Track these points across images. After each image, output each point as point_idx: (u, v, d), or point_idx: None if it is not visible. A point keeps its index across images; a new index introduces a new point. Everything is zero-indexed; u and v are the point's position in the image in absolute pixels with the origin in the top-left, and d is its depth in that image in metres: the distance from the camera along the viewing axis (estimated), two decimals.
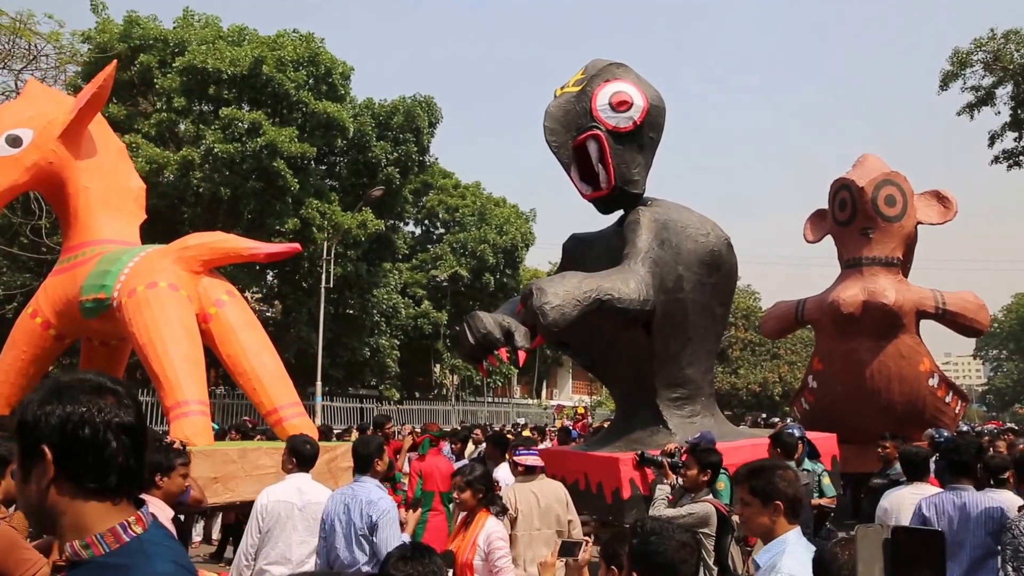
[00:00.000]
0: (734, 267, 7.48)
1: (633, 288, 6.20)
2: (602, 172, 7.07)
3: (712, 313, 7.28)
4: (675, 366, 7.10)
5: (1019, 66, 21.57)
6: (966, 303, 11.04)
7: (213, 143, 20.82)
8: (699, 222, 7.24)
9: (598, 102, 7.02)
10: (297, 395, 6.87)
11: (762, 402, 47.18)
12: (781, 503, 2.62)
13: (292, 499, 4.55)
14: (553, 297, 5.73)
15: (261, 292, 28.58)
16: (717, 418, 7.58)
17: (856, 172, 11.18)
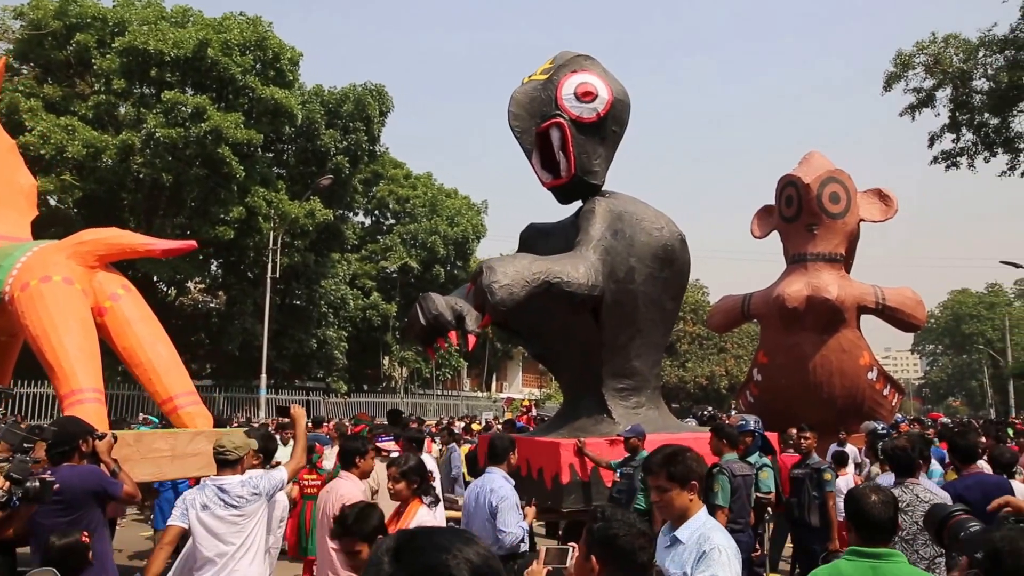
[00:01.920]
0: (687, 263, 7.53)
1: (582, 273, 6.24)
2: (563, 160, 7.10)
3: (662, 307, 7.32)
4: (623, 357, 7.14)
5: (958, 70, 22.23)
6: (905, 299, 11.32)
7: (155, 127, 20.15)
8: (654, 216, 7.27)
9: (564, 91, 7.06)
10: (193, 385, 6.93)
11: (709, 395, 48.01)
12: (696, 483, 2.79)
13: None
14: (502, 276, 5.73)
15: (205, 282, 27.87)
16: (662, 411, 7.63)
17: (802, 169, 11.36)
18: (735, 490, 5.82)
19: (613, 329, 6.95)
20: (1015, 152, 23.13)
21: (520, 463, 6.96)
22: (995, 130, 23.01)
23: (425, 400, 33.72)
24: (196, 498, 4.12)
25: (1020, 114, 22.66)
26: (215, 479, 4.19)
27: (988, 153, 23.43)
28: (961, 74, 22.29)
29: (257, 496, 4.21)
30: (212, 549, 4.04)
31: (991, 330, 61.77)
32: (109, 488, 4.26)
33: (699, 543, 2.70)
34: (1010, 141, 23.01)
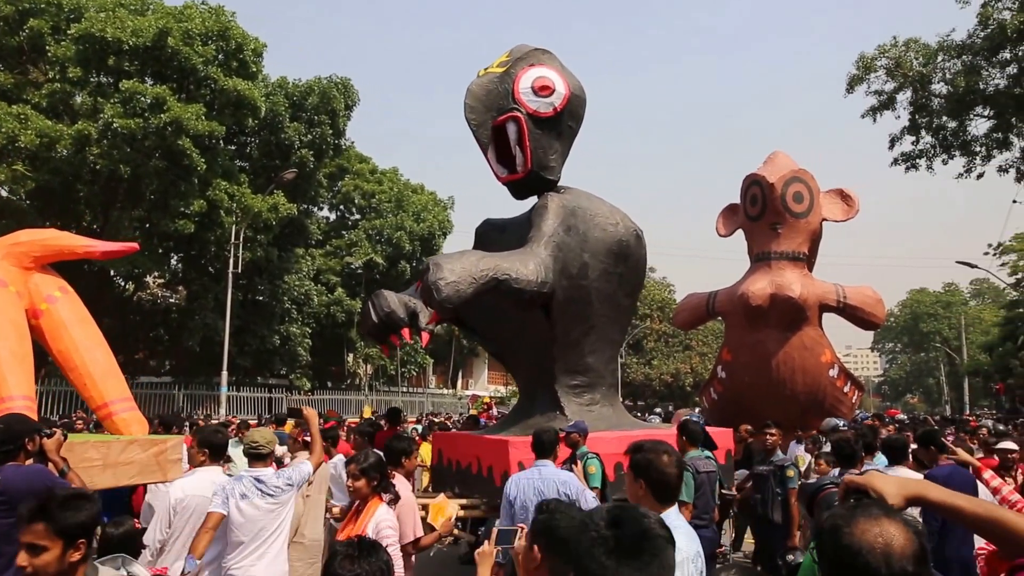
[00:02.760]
0: (642, 259, 7.50)
1: (531, 270, 6.18)
2: (519, 155, 7.02)
3: (617, 303, 7.28)
4: (576, 354, 7.09)
5: (918, 73, 22.65)
6: (865, 297, 11.44)
7: (112, 117, 19.60)
8: (609, 212, 7.22)
9: (521, 85, 6.98)
10: (129, 391, 6.80)
11: (674, 392, 48.43)
12: (644, 481, 2.78)
13: (207, 493, 4.48)
14: (448, 273, 5.63)
15: (164, 277, 27.29)
16: (616, 408, 7.58)
17: (767, 169, 11.42)
18: (699, 486, 5.85)
19: (566, 326, 6.90)
20: (971, 155, 23.68)
21: (471, 460, 6.91)
22: (953, 133, 23.53)
23: (390, 397, 33.44)
24: (235, 488, 4.44)
25: (976, 118, 23.20)
26: (251, 471, 4.55)
27: (946, 156, 23.95)
28: (921, 78, 22.72)
29: (290, 487, 4.61)
30: (248, 534, 4.39)
31: (947, 329, 63.32)
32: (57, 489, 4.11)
33: None
34: (967, 144, 23.55)
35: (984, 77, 21.73)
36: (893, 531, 1.34)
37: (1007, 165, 23.50)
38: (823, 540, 1.40)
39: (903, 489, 1.59)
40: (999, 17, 20.72)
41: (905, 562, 1.30)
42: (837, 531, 1.36)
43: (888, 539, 1.33)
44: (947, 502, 1.59)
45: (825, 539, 1.39)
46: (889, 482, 1.62)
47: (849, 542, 1.34)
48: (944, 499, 1.60)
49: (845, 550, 1.34)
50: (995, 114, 22.38)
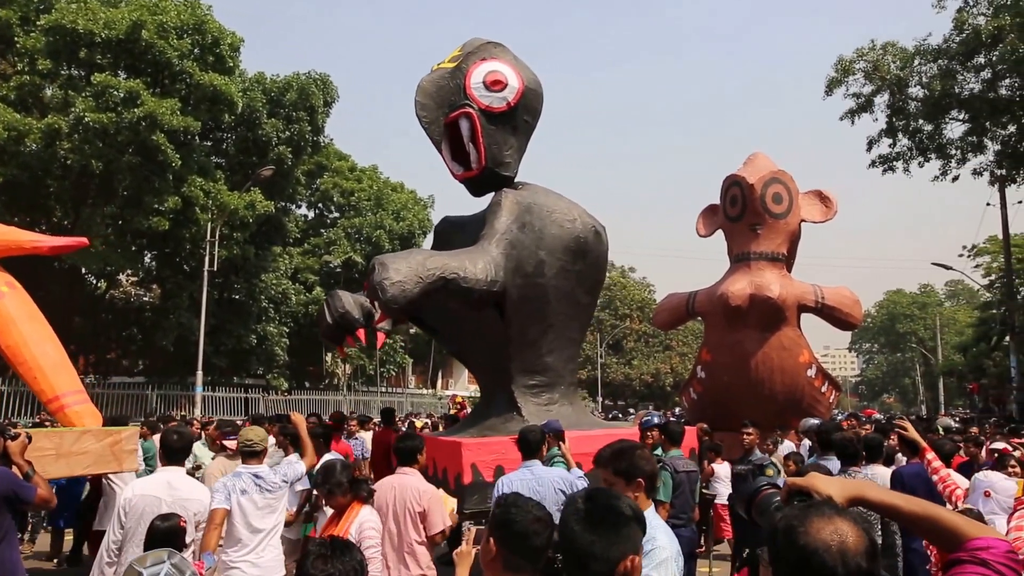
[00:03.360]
0: (602, 256, 7.38)
1: (481, 268, 6.09)
2: (473, 152, 6.91)
3: (576, 301, 7.16)
4: (534, 353, 6.97)
5: (895, 77, 22.83)
6: (843, 298, 11.51)
7: (84, 111, 19.22)
8: (566, 208, 7.09)
9: (472, 80, 6.85)
10: (81, 384, 6.76)
11: (654, 392, 48.62)
12: (643, 480, 2.81)
13: (159, 494, 4.40)
14: (394, 273, 5.54)
15: (138, 275, 26.88)
16: (577, 407, 7.47)
17: (746, 170, 11.45)
18: (678, 486, 5.87)
19: (522, 324, 6.80)
20: (947, 158, 23.93)
21: (428, 463, 6.82)
22: (929, 136, 23.77)
23: (369, 397, 33.20)
24: (236, 484, 4.61)
25: (952, 121, 23.46)
26: (248, 467, 4.72)
27: (922, 158, 24.20)
28: (898, 81, 22.93)
29: (286, 483, 4.78)
30: (247, 528, 4.55)
31: (923, 329, 64.14)
32: (21, 492, 4.02)
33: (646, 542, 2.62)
34: (942, 147, 23.81)
35: (959, 81, 21.98)
36: (846, 529, 1.36)
37: (981, 168, 23.81)
38: (778, 541, 1.41)
39: (844, 490, 1.64)
40: (974, 22, 20.96)
41: (859, 559, 1.33)
42: (792, 531, 1.39)
43: (842, 537, 1.35)
44: (885, 501, 1.64)
45: (780, 540, 1.41)
46: (831, 483, 1.66)
47: (805, 542, 1.36)
48: (883, 499, 1.65)
49: (801, 550, 1.36)
50: (970, 118, 22.64)
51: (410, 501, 4.56)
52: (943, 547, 1.58)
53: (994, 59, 20.91)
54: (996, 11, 20.31)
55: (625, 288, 51.65)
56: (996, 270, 32.94)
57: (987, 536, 1.52)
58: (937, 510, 1.62)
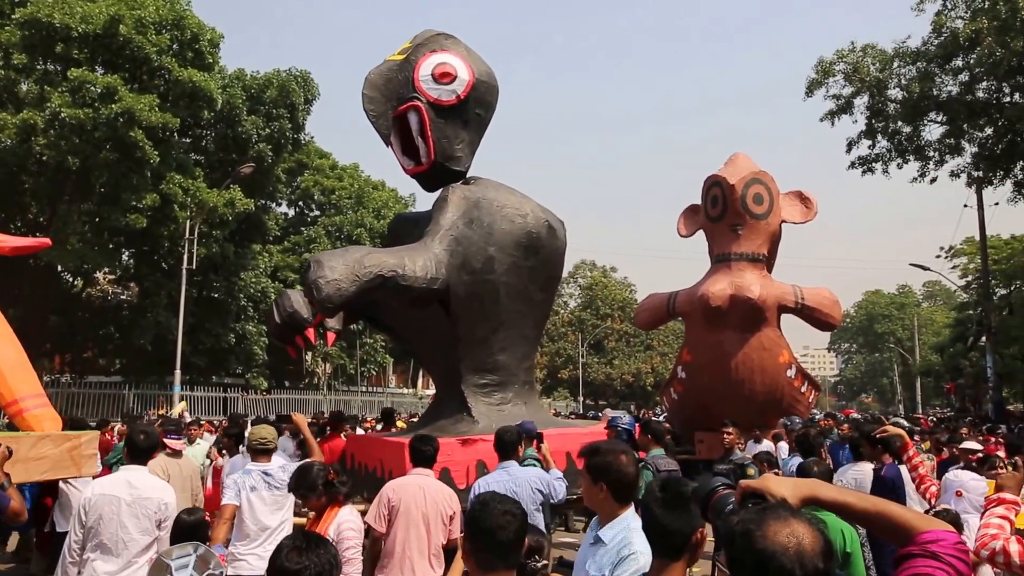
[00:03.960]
0: (557, 251, 7.24)
1: (420, 266, 6.01)
2: (422, 146, 6.82)
3: (529, 298, 7.04)
4: (485, 351, 6.85)
5: (874, 79, 23.04)
6: (822, 299, 11.55)
7: (60, 107, 18.92)
8: (518, 202, 6.96)
9: (421, 72, 6.74)
10: (41, 387, 6.63)
11: (635, 392, 48.77)
12: (604, 484, 2.76)
13: (119, 493, 4.29)
14: (329, 271, 5.48)
15: (115, 273, 26.53)
16: (532, 407, 7.35)
17: (727, 170, 11.46)
18: None
19: (471, 322, 6.69)
20: (925, 160, 24.20)
21: (376, 464, 6.72)
22: (907, 138, 24.03)
23: (349, 397, 33.03)
24: (246, 481, 4.77)
25: (930, 124, 23.72)
26: (258, 465, 4.87)
27: (901, 160, 24.45)
28: (877, 83, 23.14)
29: None
30: (257, 524, 4.70)
31: (901, 330, 64.81)
32: None
33: (619, 546, 2.65)
34: (920, 149, 24.07)
35: (937, 84, 22.23)
36: (802, 531, 1.37)
37: (959, 170, 24.09)
38: (736, 545, 1.41)
39: (797, 490, 1.65)
40: (952, 25, 21.20)
41: (816, 560, 1.35)
42: (750, 535, 1.39)
43: (799, 539, 1.36)
44: (838, 500, 1.66)
45: (738, 544, 1.41)
46: (783, 484, 1.68)
47: (763, 546, 1.36)
48: (835, 497, 1.67)
49: (760, 554, 1.36)
50: (947, 120, 22.90)
51: (442, 504, 4.60)
52: (896, 542, 1.59)
53: (971, 62, 21.16)
54: (974, 15, 20.55)
55: (606, 288, 51.73)
56: (973, 271, 33.36)
57: (936, 529, 1.54)
58: (888, 506, 1.64)
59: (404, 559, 4.46)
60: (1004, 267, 30.33)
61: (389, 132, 6.88)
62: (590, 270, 53.62)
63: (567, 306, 53.54)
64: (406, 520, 4.49)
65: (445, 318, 6.65)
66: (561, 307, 53.24)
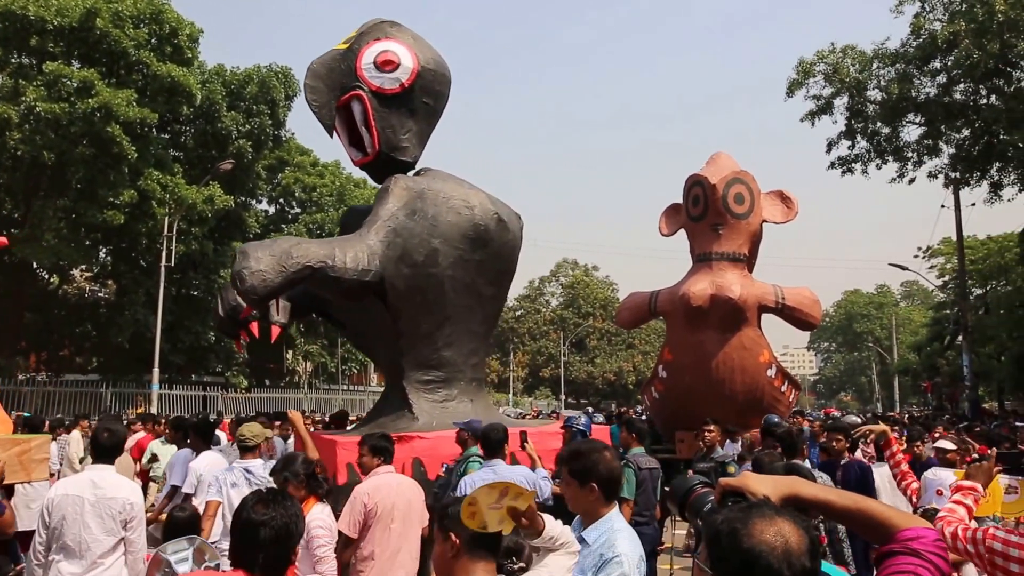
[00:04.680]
0: (507, 244, 7.09)
1: (351, 257, 5.91)
2: (366, 136, 6.71)
3: (477, 292, 6.90)
4: (428, 347, 6.71)
5: (854, 80, 23.23)
6: (803, 299, 11.59)
7: (35, 101, 18.64)
8: (465, 194, 6.82)
9: (363, 61, 6.64)
10: None
11: (617, 390, 48.91)
12: (595, 484, 2.69)
13: (83, 493, 4.21)
14: (254, 262, 5.41)
15: (93, 270, 26.18)
16: (479, 404, 7.18)
17: (709, 169, 11.47)
18: (640, 483, 5.87)
19: (413, 317, 6.56)
20: (903, 160, 24.44)
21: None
22: (886, 139, 24.25)
23: (330, 395, 32.82)
24: (227, 477, 4.84)
25: (908, 125, 23.96)
26: (241, 462, 4.91)
27: (880, 160, 24.67)
28: (857, 84, 23.32)
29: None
30: None
31: (879, 329, 65.51)
32: None
33: (602, 548, 2.59)
34: (899, 150, 24.31)
35: (916, 85, 22.43)
36: (788, 529, 1.37)
37: (937, 171, 24.36)
38: (721, 544, 1.40)
39: (777, 488, 1.64)
40: (930, 28, 21.41)
41: (803, 558, 1.34)
42: (736, 534, 1.38)
43: (786, 537, 1.35)
44: (818, 497, 1.66)
45: (724, 543, 1.39)
46: (763, 482, 1.67)
47: (750, 545, 1.35)
48: (815, 495, 1.66)
49: (747, 553, 1.35)
50: (926, 121, 23.14)
51: (415, 500, 4.62)
52: (876, 540, 1.59)
53: (949, 64, 21.40)
54: (951, 17, 20.78)
55: (588, 287, 51.84)
56: (950, 271, 33.78)
57: (916, 526, 1.55)
58: (868, 503, 1.64)
59: (384, 560, 4.42)
60: (980, 267, 30.75)
61: (332, 122, 6.80)
62: (572, 269, 53.72)
63: (549, 305, 53.61)
64: (385, 522, 4.45)
65: (380, 311, 6.54)
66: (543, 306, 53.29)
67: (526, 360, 50.54)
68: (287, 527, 2.26)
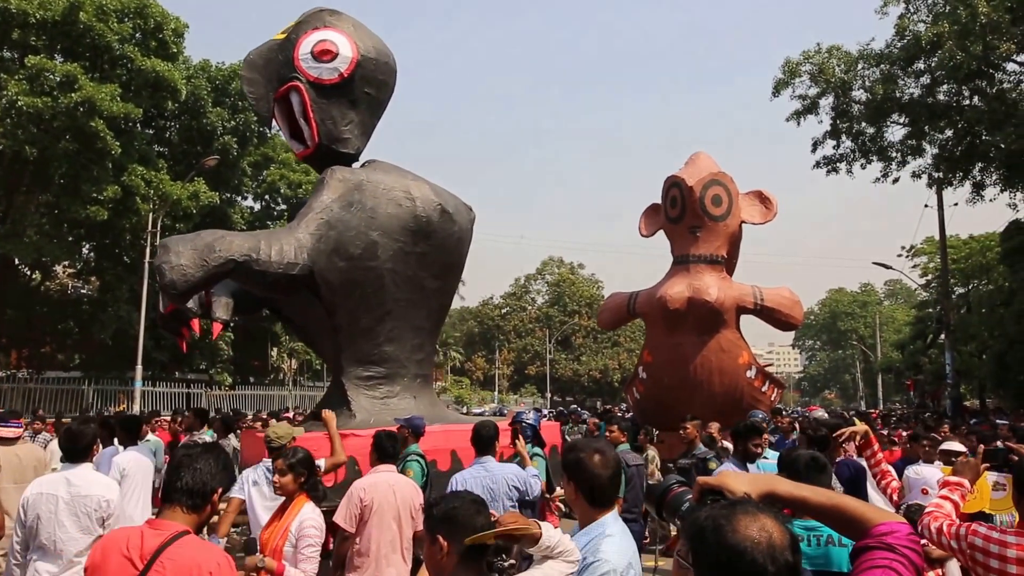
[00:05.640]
0: (452, 236, 6.92)
1: (277, 250, 5.79)
2: (305, 128, 6.58)
3: (420, 286, 6.75)
4: (369, 342, 6.58)
5: (839, 80, 23.35)
6: (783, 299, 11.57)
7: (17, 95, 18.47)
8: (407, 185, 6.66)
9: (301, 51, 6.49)
10: None
11: (603, 388, 49.02)
12: (574, 483, 2.60)
13: (57, 491, 4.20)
14: (175, 256, 5.33)
15: (75, 267, 25.98)
16: (424, 400, 6.99)
17: (687, 171, 11.43)
18: (628, 480, 5.93)
19: (351, 311, 6.42)
20: (888, 160, 24.60)
21: (253, 459, 6.55)
22: (871, 139, 24.40)
23: (315, 393, 32.72)
24: (250, 476, 4.96)
25: (893, 125, 24.12)
26: (267, 461, 4.95)
27: (864, 160, 24.83)
28: (842, 84, 23.45)
29: None
30: (255, 517, 4.86)
31: (863, 327, 66.00)
32: None
33: (586, 553, 2.50)
34: (883, 150, 24.46)
35: (900, 86, 22.58)
36: (771, 525, 1.38)
37: (920, 171, 24.52)
38: (704, 540, 1.41)
39: (754, 486, 1.67)
40: (914, 29, 21.56)
41: (786, 553, 1.36)
42: (720, 530, 1.39)
43: (769, 533, 1.37)
44: (794, 494, 1.69)
45: (708, 539, 1.40)
46: (741, 479, 1.70)
47: (734, 540, 1.36)
48: (791, 491, 1.70)
49: (731, 549, 1.36)
50: (910, 122, 23.29)
51: (411, 499, 4.61)
52: (851, 535, 1.62)
53: (933, 65, 21.53)
54: (935, 19, 20.91)
55: (574, 284, 51.93)
56: (933, 270, 34.04)
57: (890, 521, 1.58)
58: (843, 499, 1.67)
59: (379, 557, 4.44)
60: (963, 266, 31.02)
61: (269, 115, 6.70)
62: (558, 267, 53.78)
63: (535, 302, 53.66)
64: (379, 519, 4.45)
65: (315, 305, 6.45)
66: (529, 303, 53.32)
67: (512, 358, 50.58)
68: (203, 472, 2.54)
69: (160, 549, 2.31)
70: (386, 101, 7.03)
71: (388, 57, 6.90)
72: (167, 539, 2.33)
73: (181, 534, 2.36)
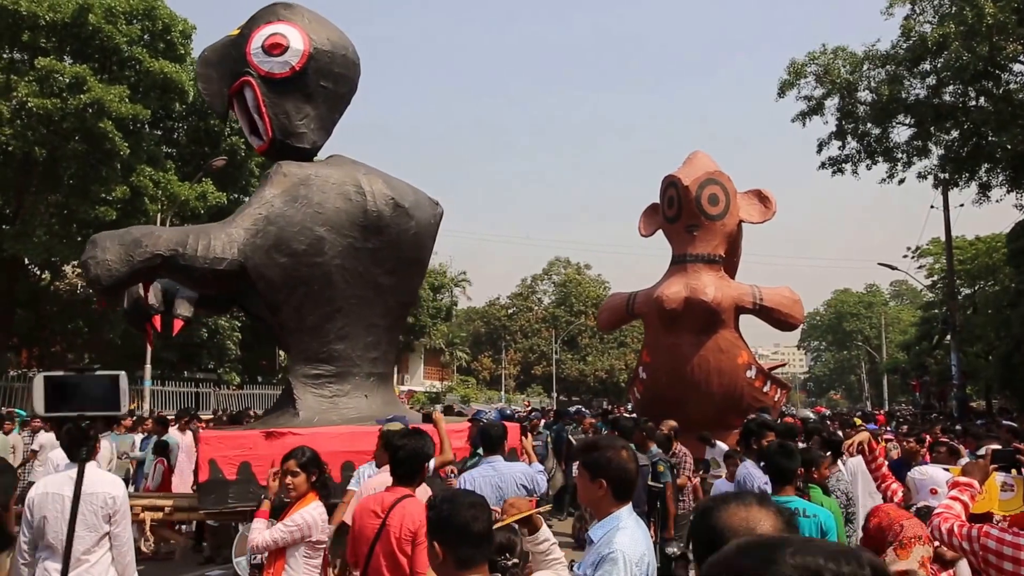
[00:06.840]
0: (406, 232, 6.73)
1: (204, 245, 5.74)
2: (259, 123, 6.55)
3: (374, 283, 6.62)
4: (317, 340, 6.45)
5: (845, 80, 23.37)
6: (782, 298, 11.48)
7: (27, 96, 18.63)
8: (360, 180, 6.53)
9: (252, 45, 6.46)
10: None
11: (608, 388, 49.02)
12: (604, 481, 2.65)
13: (62, 491, 4.23)
14: (100, 252, 5.37)
15: None
16: (379, 399, 6.80)
17: (684, 170, 11.37)
18: None
19: (296, 309, 6.31)
20: (893, 161, 24.60)
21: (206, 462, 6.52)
22: (876, 140, 24.40)
23: None
24: (365, 471, 5.02)
25: (898, 126, 24.12)
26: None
27: (870, 161, 24.83)
28: (847, 85, 23.46)
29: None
30: None
31: (869, 328, 65.75)
32: None
33: (601, 546, 2.60)
34: (889, 151, 24.45)
35: (906, 87, 22.58)
36: (761, 517, 1.40)
37: (926, 172, 24.48)
38: (695, 521, 1.49)
39: None
40: (920, 30, 21.55)
41: None
42: (708, 513, 1.46)
43: (754, 524, 1.38)
44: None
45: (696, 519, 1.49)
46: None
47: (715, 523, 1.41)
48: None
49: (712, 531, 1.40)
50: (915, 123, 23.28)
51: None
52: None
53: (939, 66, 21.51)
54: (941, 19, 20.90)
55: (580, 284, 51.95)
56: (938, 271, 33.98)
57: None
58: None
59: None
60: (969, 267, 30.94)
61: (224, 111, 6.72)
62: (564, 267, 53.83)
63: (541, 303, 53.72)
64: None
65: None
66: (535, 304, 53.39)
67: (518, 358, 50.64)
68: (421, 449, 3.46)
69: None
70: (347, 95, 6.92)
71: (346, 49, 6.76)
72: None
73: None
